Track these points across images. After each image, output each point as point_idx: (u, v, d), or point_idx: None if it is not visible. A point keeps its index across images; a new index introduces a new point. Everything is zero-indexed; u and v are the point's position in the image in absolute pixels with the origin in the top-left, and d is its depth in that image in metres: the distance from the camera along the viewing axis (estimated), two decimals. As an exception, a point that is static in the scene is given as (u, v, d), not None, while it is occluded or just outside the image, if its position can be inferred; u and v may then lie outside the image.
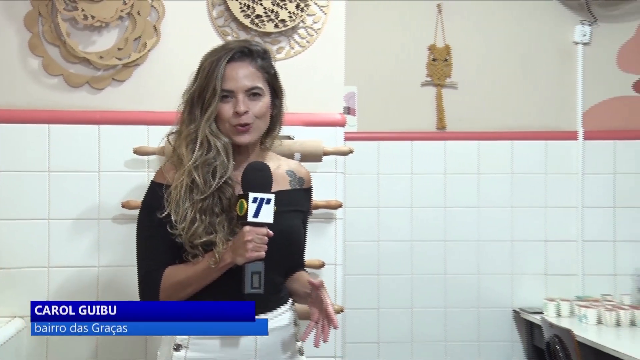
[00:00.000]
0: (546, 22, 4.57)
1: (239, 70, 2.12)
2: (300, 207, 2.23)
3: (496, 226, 4.53)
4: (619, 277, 4.57)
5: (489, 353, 4.54)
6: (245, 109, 2.09)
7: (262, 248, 1.97)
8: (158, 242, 2.10)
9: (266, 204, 1.98)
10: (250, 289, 1.97)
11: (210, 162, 2.07)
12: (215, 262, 2.00)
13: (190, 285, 2.07)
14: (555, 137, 4.59)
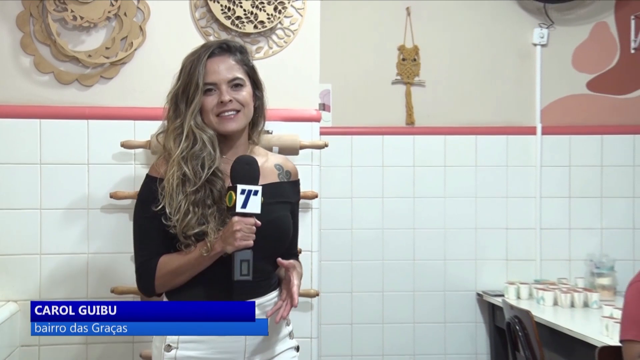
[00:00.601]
0: (507, 25, 4.57)
1: (219, 64, 2.12)
2: (288, 199, 2.22)
3: (461, 215, 4.53)
4: (574, 262, 4.60)
5: (454, 333, 4.55)
6: (229, 98, 2.08)
7: (250, 237, 1.96)
8: (152, 233, 2.10)
9: (254, 195, 1.97)
10: (240, 276, 1.96)
11: (198, 155, 2.06)
12: (207, 250, 2.00)
13: (183, 273, 2.07)
14: (516, 132, 4.60)
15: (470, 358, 4.57)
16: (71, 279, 3.11)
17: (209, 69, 2.10)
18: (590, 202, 4.63)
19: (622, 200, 4.63)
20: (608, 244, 4.60)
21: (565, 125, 4.62)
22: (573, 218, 4.63)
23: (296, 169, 2.31)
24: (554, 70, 4.61)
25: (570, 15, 4.59)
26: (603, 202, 4.63)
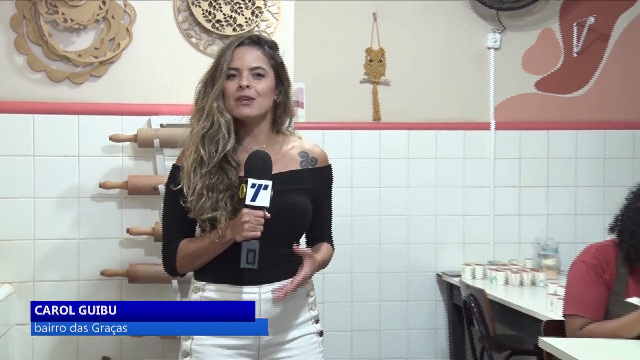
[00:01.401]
0: (465, 30, 4.58)
1: (246, 52, 2.06)
2: (309, 185, 2.12)
3: (422, 203, 4.53)
4: (523, 244, 4.62)
5: (416, 311, 4.56)
6: (247, 84, 2.02)
7: (258, 229, 1.92)
8: (175, 219, 2.09)
9: (263, 189, 1.93)
10: (245, 264, 1.93)
11: (213, 137, 2.01)
12: (218, 237, 1.98)
13: (199, 257, 2.05)
14: (472, 128, 4.61)
15: (430, 333, 4.57)
16: (63, 263, 3.08)
17: (235, 56, 2.05)
18: (538, 191, 4.66)
19: (565, 189, 4.67)
20: (553, 229, 4.63)
21: (516, 121, 4.64)
22: (522, 205, 4.66)
23: (324, 154, 2.21)
24: (505, 72, 4.62)
25: (520, 22, 4.61)
26: (549, 191, 4.67)
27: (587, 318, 2.55)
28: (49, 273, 3.07)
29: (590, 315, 2.55)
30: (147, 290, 3.11)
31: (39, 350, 3.05)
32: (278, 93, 2.12)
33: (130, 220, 3.10)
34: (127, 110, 3.10)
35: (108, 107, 3.10)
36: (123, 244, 3.11)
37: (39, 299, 3.04)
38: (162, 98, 3.13)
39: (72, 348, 3.07)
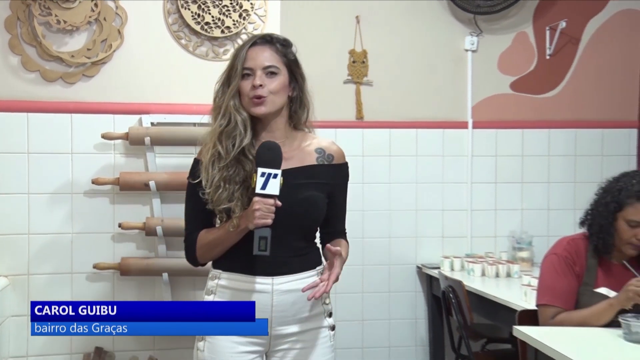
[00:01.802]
0: (443, 33, 4.58)
1: (259, 52, 2.05)
2: (324, 180, 2.11)
3: (404, 198, 4.52)
4: (499, 238, 4.63)
5: (397, 301, 4.56)
6: (260, 83, 2.01)
7: (269, 216, 1.91)
8: (195, 211, 2.09)
9: (273, 178, 1.92)
10: (258, 251, 1.92)
11: (230, 133, 2.01)
12: (233, 226, 1.97)
13: (217, 246, 2.05)
14: (451, 126, 4.60)
15: (411, 322, 4.57)
16: (57, 256, 3.07)
17: (249, 56, 2.04)
18: (513, 187, 4.67)
19: (539, 185, 4.68)
20: (527, 223, 4.64)
21: (492, 120, 4.63)
22: (498, 200, 4.66)
23: (341, 151, 2.18)
24: (482, 73, 4.62)
25: (496, 26, 4.61)
26: (523, 187, 4.67)
27: (558, 307, 2.58)
28: (43, 266, 3.06)
29: (562, 304, 2.58)
30: (139, 283, 3.11)
31: (34, 341, 3.03)
32: (292, 89, 2.11)
33: (122, 215, 3.09)
34: (118, 109, 3.09)
35: (100, 106, 3.08)
36: (115, 238, 3.11)
37: (33, 291, 3.04)
38: (153, 97, 3.12)
39: (65, 339, 3.05)
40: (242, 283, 2.03)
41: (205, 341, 2.04)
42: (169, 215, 3.09)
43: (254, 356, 2.05)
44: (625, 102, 4.73)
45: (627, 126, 4.72)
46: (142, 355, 3.08)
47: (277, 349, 2.08)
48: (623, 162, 4.57)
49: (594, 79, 4.70)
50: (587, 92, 4.70)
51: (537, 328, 2.51)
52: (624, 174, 2.67)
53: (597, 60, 4.69)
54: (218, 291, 2.06)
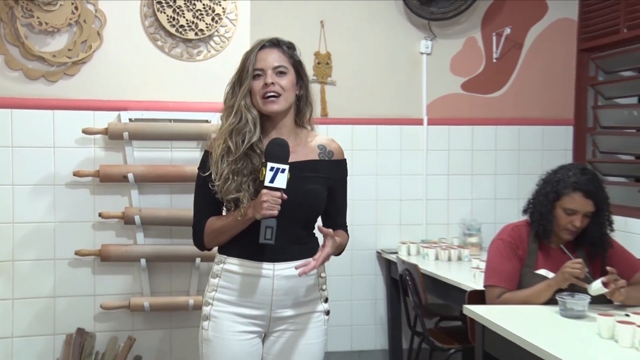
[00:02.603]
0: (401, 38, 4.59)
1: (268, 54, 2.05)
2: (325, 175, 2.11)
3: (365, 189, 4.52)
4: (451, 225, 4.66)
5: (359, 283, 4.58)
6: (272, 81, 2.01)
7: (275, 208, 1.90)
8: (204, 200, 2.08)
9: (281, 172, 1.91)
10: (264, 240, 1.90)
11: (241, 130, 2.00)
12: (241, 215, 1.96)
13: (224, 233, 2.04)
14: (408, 123, 4.62)
15: (371, 303, 4.59)
16: (40, 244, 3.04)
17: (259, 58, 2.03)
18: (464, 178, 4.70)
19: (486, 177, 4.71)
20: (476, 211, 4.67)
21: (445, 117, 4.66)
22: (450, 191, 4.69)
23: (341, 149, 2.19)
24: (436, 74, 4.63)
25: (448, 31, 4.63)
26: (473, 178, 4.70)
27: (503, 288, 2.61)
28: (27, 253, 3.02)
29: (506, 285, 2.61)
30: (118, 269, 3.09)
31: (19, 322, 3.01)
32: (299, 87, 2.11)
33: (102, 205, 3.07)
34: (98, 105, 3.06)
35: (81, 103, 3.05)
36: (95, 226, 3.09)
37: (18, 277, 3.02)
38: (131, 95, 3.10)
39: (49, 321, 3.04)
40: (246, 268, 2.02)
41: (210, 320, 2.05)
42: (147, 205, 3.08)
43: (253, 336, 2.05)
44: (563, 102, 4.78)
45: (564, 124, 4.78)
46: (122, 335, 3.07)
47: (275, 330, 2.08)
48: (561, 156, 4.65)
49: (535, 81, 4.75)
50: (529, 92, 4.75)
51: (484, 307, 2.53)
52: (562, 166, 2.70)
53: (537, 64, 4.74)
54: (223, 275, 2.05)
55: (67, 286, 3.04)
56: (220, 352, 2.02)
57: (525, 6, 4.70)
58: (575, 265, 2.44)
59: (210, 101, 3.12)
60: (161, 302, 3.06)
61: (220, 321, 2.03)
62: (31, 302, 3.01)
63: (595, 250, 2.64)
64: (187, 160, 3.12)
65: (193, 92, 3.15)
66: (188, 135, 3.11)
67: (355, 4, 4.51)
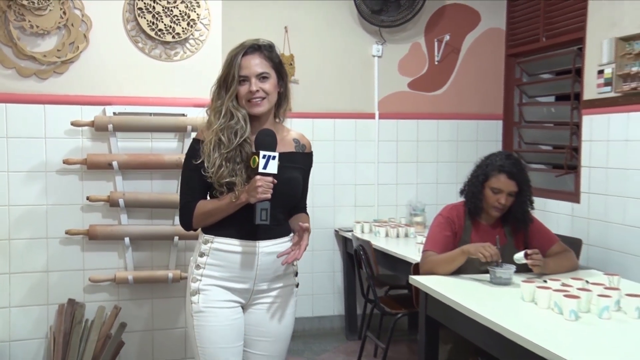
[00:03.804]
0: (355, 42, 4.59)
1: (251, 60, 2.00)
2: (300, 165, 2.10)
3: (324, 175, 4.53)
4: (399, 206, 4.70)
5: (319, 258, 4.57)
6: (257, 88, 1.98)
7: (269, 192, 1.89)
8: (193, 182, 2.02)
9: (272, 159, 1.90)
10: (260, 221, 1.90)
11: (233, 127, 1.97)
12: (235, 198, 1.93)
13: (214, 215, 1.99)
14: (361, 117, 4.64)
15: (329, 274, 4.62)
16: (34, 224, 3.00)
17: (243, 64, 1.98)
18: (410, 165, 4.73)
19: (430, 164, 4.75)
20: (421, 194, 4.72)
21: (394, 112, 4.68)
22: (399, 176, 4.72)
23: (310, 143, 2.19)
24: (386, 74, 4.65)
25: (396, 37, 4.65)
26: (418, 165, 4.74)
27: (435, 252, 2.64)
28: (22, 232, 2.98)
29: (438, 251, 2.64)
30: (104, 246, 3.06)
31: (15, 294, 2.97)
32: (280, 86, 2.08)
33: (89, 189, 3.04)
34: (85, 100, 3.02)
35: (69, 98, 3.01)
36: (84, 209, 3.05)
37: (14, 253, 2.97)
38: (115, 91, 3.07)
39: (43, 292, 3.00)
40: (233, 246, 2.00)
41: (199, 294, 2.00)
42: (129, 189, 3.06)
43: (236, 305, 2.03)
44: (493, 100, 4.84)
45: (494, 118, 4.84)
46: (108, 305, 3.05)
47: (254, 303, 2.07)
48: (492, 146, 4.69)
49: (471, 81, 4.80)
50: (465, 91, 4.79)
51: (427, 277, 2.55)
52: (491, 154, 2.74)
53: (472, 66, 4.79)
54: (211, 253, 2.01)
55: (59, 262, 3.01)
56: (212, 321, 1.99)
57: (461, 16, 4.75)
58: (489, 249, 2.44)
59: (186, 97, 3.11)
60: (143, 276, 3.05)
61: (209, 293, 2.00)
62: (26, 276, 2.98)
63: (519, 225, 2.69)
64: (165, 150, 3.10)
65: (171, 89, 3.12)
66: (166, 127, 3.08)
67: (316, 12, 4.51)
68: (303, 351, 4.18)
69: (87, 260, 3.05)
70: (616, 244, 3.50)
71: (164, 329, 3.15)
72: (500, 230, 2.71)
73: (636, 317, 2.03)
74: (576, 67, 3.98)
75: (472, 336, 2.19)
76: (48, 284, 3.00)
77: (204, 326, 1.99)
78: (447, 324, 2.37)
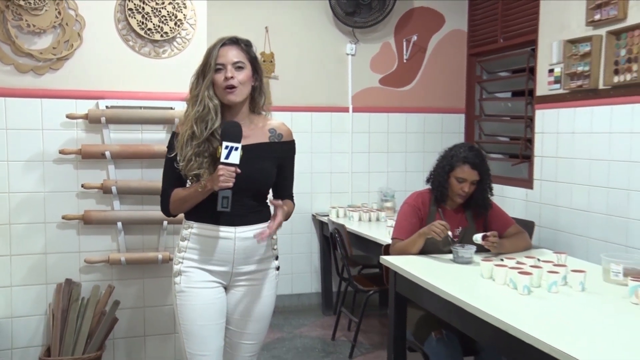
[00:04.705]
0: (330, 41, 4.62)
1: (228, 51, 1.96)
2: (275, 154, 2.03)
3: (302, 165, 4.51)
4: (371, 193, 4.74)
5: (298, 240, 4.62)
6: (231, 75, 1.93)
7: (230, 180, 1.85)
8: (171, 173, 1.99)
9: (234, 150, 1.85)
10: (221, 208, 1.86)
11: (204, 118, 1.92)
12: (201, 187, 1.90)
13: (186, 202, 1.97)
14: (336, 111, 4.67)
15: (307, 255, 4.64)
16: (32, 209, 2.98)
17: (220, 54, 1.95)
18: (381, 155, 4.78)
19: (399, 154, 4.81)
20: (391, 181, 4.78)
21: (366, 106, 4.71)
22: (371, 165, 4.76)
23: (289, 131, 2.10)
24: (359, 71, 4.68)
25: (369, 37, 4.68)
26: (388, 155, 4.79)
27: (401, 240, 2.67)
28: (22, 217, 2.95)
29: (403, 237, 2.67)
30: (98, 230, 3.05)
31: (16, 274, 2.95)
32: (254, 80, 2.02)
33: (84, 177, 3.01)
34: (79, 95, 2.99)
35: (65, 93, 2.97)
36: (79, 195, 3.03)
37: (14, 237, 2.95)
38: (107, 86, 3.04)
39: (42, 273, 2.99)
40: (212, 231, 1.98)
41: (181, 275, 1.99)
42: (121, 177, 3.04)
43: (217, 285, 2.02)
44: (457, 95, 4.90)
45: (458, 112, 4.91)
46: (102, 284, 3.04)
47: (235, 285, 2.04)
48: (455, 138, 4.78)
49: (436, 78, 4.85)
50: (431, 87, 4.84)
51: (396, 257, 2.57)
52: (455, 145, 2.77)
53: (438, 64, 4.84)
54: (191, 238, 1.99)
55: (56, 244, 2.99)
56: (193, 300, 1.97)
57: (427, 18, 4.78)
58: (439, 225, 2.47)
59: (173, 92, 3.10)
60: (135, 257, 3.04)
61: (190, 274, 1.98)
62: (26, 257, 2.95)
63: (479, 211, 2.72)
64: (155, 140, 3.08)
65: (159, 84, 3.10)
66: (155, 119, 3.06)
67: (294, 14, 4.51)
68: (283, 325, 4.22)
69: (82, 243, 3.03)
70: (564, 226, 3.58)
71: (154, 306, 3.16)
72: (463, 215, 2.74)
73: (580, 290, 2.08)
74: (530, 66, 4.04)
75: (437, 310, 2.21)
76: (46, 264, 2.99)
77: (185, 305, 1.97)
78: (414, 299, 2.39)
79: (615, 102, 3.21)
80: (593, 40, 3.29)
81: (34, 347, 2.99)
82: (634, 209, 3.09)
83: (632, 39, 3.06)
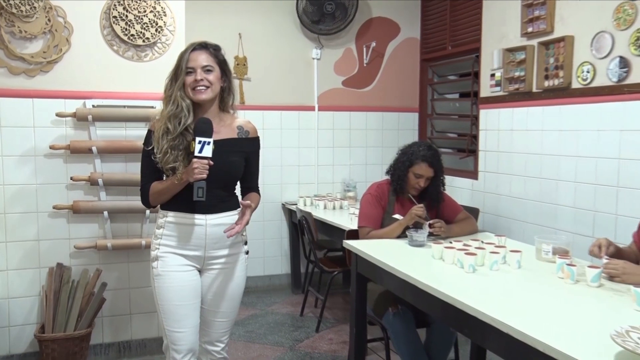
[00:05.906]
0: (298, 46, 4.62)
1: (198, 55, 1.97)
2: (242, 149, 2.04)
3: (273, 158, 4.55)
4: (335, 183, 4.77)
5: (269, 227, 4.63)
6: (201, 78, 1.95)
7: (204, 173, 1.86)
8: (149, 167, 1.99)
9: (207, 145, 1.87)
10: (197, 197, 1.87)
11: (177, 115, 1.93)
12: (177, 179, 1.91)
13: (164, 194, 1.97)
14: (304, 109, 4.67)
15: (278, 240, 4.64)
16: (25, 200, 2.96)
17: (191, 58, 1.96)
18: (344, 150, 4.79)
19: (360, 149, 4.82)
20: (353, 173, 4.80)
21: (331, 105, 4.73)
22: (335, 159, 4.78)
23: (255, 128, 2.11)
24: (324, 74, 4.69)
25: (332, 43, 4.69)
26: (351, 150, 4.80)
27: (370, 227, 2.70)
28: (16, 207, 2.93)
29: (372, 225, 2.70)
30: (86, 219, 3.04)
31: (11, 259, 2.94)
32: (223, 81, 2.03)
33: (73, 171, 3.00)
34: (68, 95, 2.97)
35: (54, 93, 2.95)
36: (68, 187, 3.01)
37: (9, 225, 2.94)
38: (93, 87, 3.02)
39: (35, 258, 2.97)
40: (185, 219, 1.98)
41: (158, 260, 2.00)
42: (107, 170, 3.03)
43: (192, 268, 2.03)
44: (411, 96, 4.95)
45: (412, 111, 4.96)
46: (91, 268, 3.03)
47: (209, 268, 2.05)
48: (410, 134, 4.88)
49: (393, 80, 4.89)
50: (389, 88, 4.88)
51: (357, 241, 2.57)
52: (414, 142, 2.78)
53: (394, 68, 4.89)
54: (166, 225, 2.00)
55: (48, 232, 2.98)
56: (169, 282, 1.98)
57: (385, 27, 4.82)
58: (419, 209, 2.55)
59: (154, 92, 3.09)
60: (120, 243, 3.02)
61: (166, 259, 1.99)
62: (20, 244, 2.94)
63: (433, 203, 2.73)
64: (138, 137, 3.05)
65: (141, 85, 3.08)
66: (138, 117, 3.04)
67: (265, 22, 4.51)
68: (256, 303, 4.25)
69: (72, 230, 3.02)
70: (504, 212, 3.69)
71: (138, 288, 3.17)
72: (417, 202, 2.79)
73: (517, 267, 2.12)
74: (474, 70, 4.12)
75: (393, 288, 2.22)
76: (39, 250, 2.97)
77: (162, 287, 1.98)
78: (373, 278, 2.39)
79: (545, 104, 3.33)
80: (527, 50, 3.44)
81: (29, 324, 2.99)
82: (562, 196, 3.20)
83: (558, 49, 3.21)
